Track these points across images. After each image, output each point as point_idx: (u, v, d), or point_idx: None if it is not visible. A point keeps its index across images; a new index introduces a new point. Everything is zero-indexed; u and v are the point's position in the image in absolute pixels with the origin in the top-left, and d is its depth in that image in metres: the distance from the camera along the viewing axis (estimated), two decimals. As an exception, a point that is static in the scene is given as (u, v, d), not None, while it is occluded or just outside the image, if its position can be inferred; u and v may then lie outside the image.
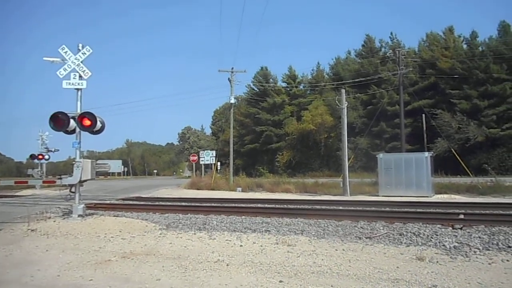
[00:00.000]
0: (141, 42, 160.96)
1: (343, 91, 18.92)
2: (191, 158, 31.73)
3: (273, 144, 40.88)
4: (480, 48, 32.61)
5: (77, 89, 8.27)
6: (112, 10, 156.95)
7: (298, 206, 10.99)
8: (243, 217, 8.52)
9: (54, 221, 7.83)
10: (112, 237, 6.52)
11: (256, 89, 44.83)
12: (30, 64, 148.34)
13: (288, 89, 43.15)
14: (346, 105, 18.32)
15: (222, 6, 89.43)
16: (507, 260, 4.60)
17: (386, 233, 6.34)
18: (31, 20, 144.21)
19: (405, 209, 9.78)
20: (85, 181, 8.32)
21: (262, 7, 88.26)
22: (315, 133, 37.34)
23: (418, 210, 9.63)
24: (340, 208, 10.47)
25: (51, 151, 27.98)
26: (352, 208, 10.35)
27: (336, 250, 5.28)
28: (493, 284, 3.71)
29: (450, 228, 6.56)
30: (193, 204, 12.34)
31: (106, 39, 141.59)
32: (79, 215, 8.03)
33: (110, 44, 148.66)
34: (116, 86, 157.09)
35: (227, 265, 4.58)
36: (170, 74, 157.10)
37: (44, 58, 8.36)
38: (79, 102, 8.26)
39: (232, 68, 25.77)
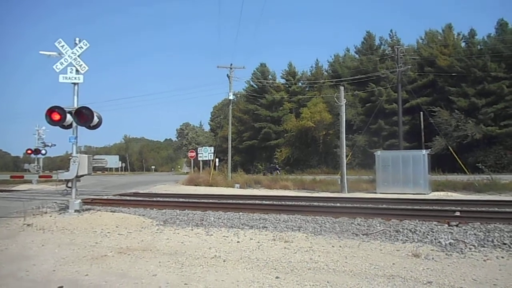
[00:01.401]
0: (140, 38, 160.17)
1: (341, 88, 18.88)
2: (189, 154, 31.67)
3: (272, 141, 40.88)
4: (478, 46, 32.64)
5: (74, 84, 8.20)
6: (111, 7, 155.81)
7: (296, 203, 11.01)
8: (240, 213, 8.52)
9: (51, 216, 7.81)
10: (108, 232, 6.50)
11: (254, 85, 44.70)
12: (28, 60, 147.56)
13: (287, 86, 43.07)
14: (344, 102, 18.31)
15: (220, 3, 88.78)
16: (502, 257, 4.63)
17: (382, 230, 6.36)
18: (29, 17, 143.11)
19: (402, 206, 9.82)
20: (82, 176, 8.28)
21: (261, 4, 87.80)
22: (314, 130, 37.37)
23: (415, 207, 9.67)
24: (338, 205, 10.50)
25: (48, 145, 27.84)
26: (349, 205, 10.38)
27: (333, 246, 5.30)
28: (487, 280, 3.73)
29: (446, 225, 6.59)
30: (190, 200, 12.34)
31: (105, 36, 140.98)
32: (75, 210, 8.01)
33: (108, 40, 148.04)
34: (115, 82, 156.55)
35: (224, 261, 4.58)
36: (168, 70, 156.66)
37: (41, 52, 8.28)
38: (76, 97, 8.20)
39: (231, 65, 25.68)
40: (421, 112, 28.19)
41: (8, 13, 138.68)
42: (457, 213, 7.95)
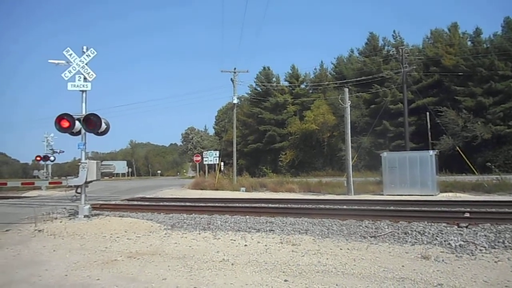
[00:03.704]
0: (144, 43, 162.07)
1: (346, 90, 18.84)
2: (195, 158, 31.86)
3: (276, 144, 40.84)
4: (484, 45, 32.30)
5: (82, 91, 8.35)
6: (112, 12, 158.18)
7: (302, 206, 10.99)
8: (247, 216, 8.55)
9: (61, 222, 7.92)
10: (117, 237, 6.58)
11: (258, 89, 44.83)
12: (39, 67, 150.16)
13: (291, 88, 43.11)
14: (349, 104, 18.27)
15: (224, 7, 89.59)
16: (514, 259, 4.57)
17: (391, 232, 6.32)
18: (29, 20, 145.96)
19: (410, 208, 9.73)
20: (90, 182, 8.40)
21: (264, 7, 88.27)
22: (318, 132, 37.27)
23: (423, 208, 9.58)
24: (344, 207, 10.46)
25: (57, 152, 28.25)
26: (356, 207, 10.32)
27: (341, 249, 5.29)
28: (499, 282, 3.69)
29: (456, 227, 6.53)
30: (197, 204, 12.39)
31: (109, 40, 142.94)
32: (85, 216, 8.12)
33: (113, 45, 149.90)
34: (119, 87, 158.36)
35: (232, 264, 4.60)
36: (172, 75, 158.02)
37: (50, 61, 8.45)
38: (84, 104, 8.35)
39: (235, 69, 25.81)
40: (427, 113, 27.95)
41: (23, 22, 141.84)
42: (467, 214, 7.86)
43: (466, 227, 6.47)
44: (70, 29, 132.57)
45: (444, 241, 5.51)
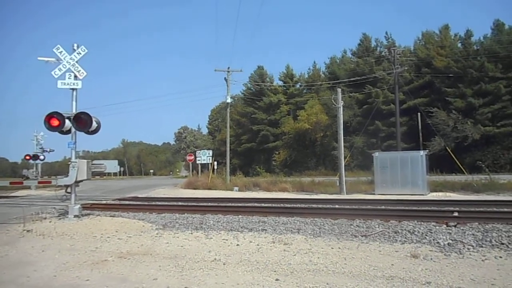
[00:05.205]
0: (137, 43, 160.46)
1: (339, 90, 18.95)
2: (188, 157, 31.69)
3: (270, 144, 40.91)
4: (475, 47, 32.89)
5: (72, 89, 8.23)
6: (108, 12, 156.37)
7: (295, 205, 11.04)
8: (239, 216, 8.54)
9: (50, 222, 7.80)
10: (108, 237, 6.51)
11: (252, 88, 44.83)
12: (28, 65, 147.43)
13: (285, 88, 43.22)
14: (342, 104, 18.40)
15: (218, 6, 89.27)
16: (500, 257, 4.67)
17: (381, 231, 6.40)
18: (29, 22, 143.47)
19: (400, 207, 9.86)
20: (81, 181, 8.29)
21: (258, 6, 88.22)
22: (311, 132, 37.46)
23: (413, 208, 9.71)
24: (336, 206, 10.53)
25: (46, 151, 27.74)
26: (348, 206, 10.40)
27: (332, 248, 5.33)
28: (486, 280, 3.77)
29: (445, 226, 6.64)
30: (190, 203, 12.34)
31: (102, 40, 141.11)
32: (75, 216, 8.00)
33: (106, 45, 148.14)
34: (112, 86, 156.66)
35: (224, 264, 4.60)
36: (166, 73, 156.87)
37: (39, 58, 8.30)
38: (74, 102, 8.22)
39: (229, 68, 25.74)
40: (419, 113, 28.32)
41: (8, 18, 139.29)
42: (456, 214, 8.00)
43: (455, 226, 6.59)
44: (65, 30, 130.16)
45: (433, 240, 5.61)
